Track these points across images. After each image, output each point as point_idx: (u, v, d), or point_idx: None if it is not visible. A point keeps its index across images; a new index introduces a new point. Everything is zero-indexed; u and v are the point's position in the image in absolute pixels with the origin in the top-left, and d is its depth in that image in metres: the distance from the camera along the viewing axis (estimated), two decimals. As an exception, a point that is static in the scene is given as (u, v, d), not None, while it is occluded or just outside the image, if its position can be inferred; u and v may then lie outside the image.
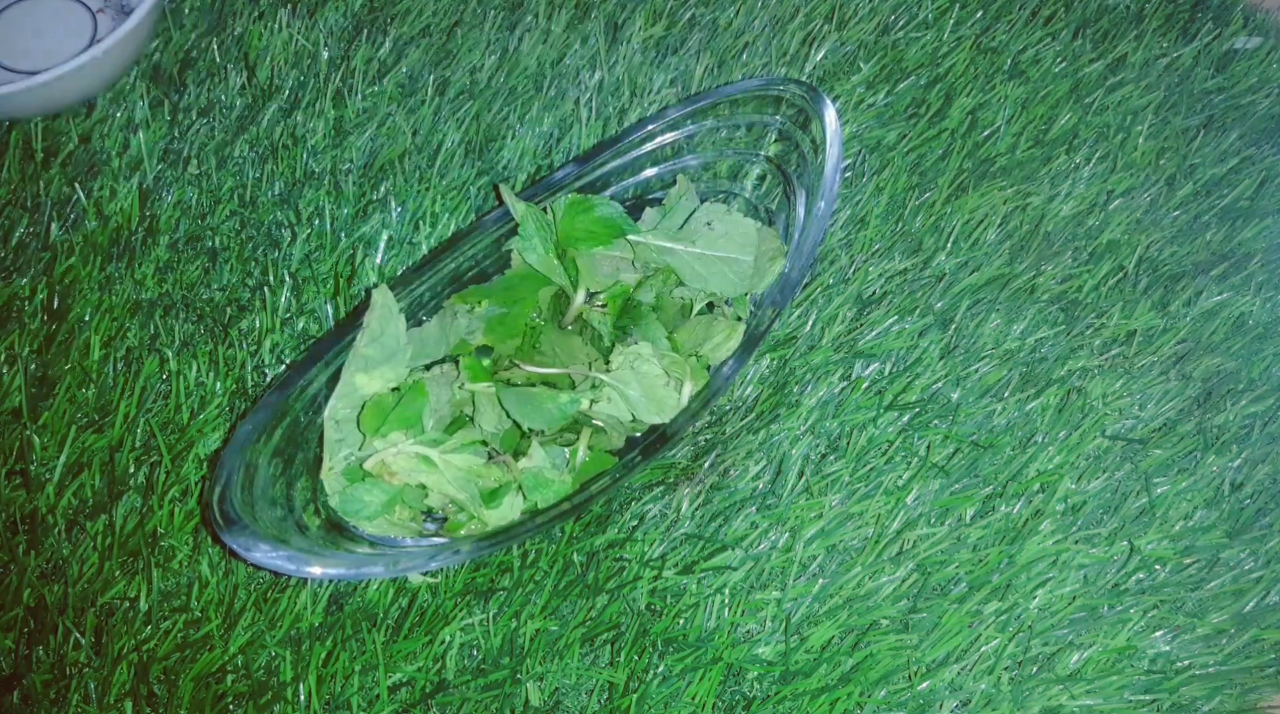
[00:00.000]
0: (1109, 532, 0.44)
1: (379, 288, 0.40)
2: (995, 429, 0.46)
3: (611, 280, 0.43)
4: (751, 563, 0.41)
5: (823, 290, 0.48)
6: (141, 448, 0.41)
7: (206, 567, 0.39)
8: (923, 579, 0.42)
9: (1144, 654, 0.42)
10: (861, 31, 0.57)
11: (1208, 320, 0.51)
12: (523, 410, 0.39)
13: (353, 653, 0.38)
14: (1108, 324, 0.50)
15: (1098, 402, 0.47)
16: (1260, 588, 0.44)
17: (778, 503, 0.43)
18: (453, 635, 0.39)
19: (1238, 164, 0.57)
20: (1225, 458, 0.47)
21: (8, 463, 0.41)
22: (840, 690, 0.39)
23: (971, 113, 0.55)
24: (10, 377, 0.42)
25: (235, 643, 0.38)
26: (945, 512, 0.44)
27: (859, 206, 0.51)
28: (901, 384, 0.46)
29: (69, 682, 0.37)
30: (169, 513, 0.40)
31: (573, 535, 0.41)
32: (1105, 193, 0.55)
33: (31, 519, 0.40)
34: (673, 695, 0.39)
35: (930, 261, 0.50)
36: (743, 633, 0.41)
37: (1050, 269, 0.51)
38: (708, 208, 0.44)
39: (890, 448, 0.45)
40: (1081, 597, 0.43)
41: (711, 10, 0.57)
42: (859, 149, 0.53)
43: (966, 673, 0.41)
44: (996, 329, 0.49)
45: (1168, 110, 0.58)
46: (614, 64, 0.54)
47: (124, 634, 0.38)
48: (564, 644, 0.39)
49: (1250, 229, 0.55)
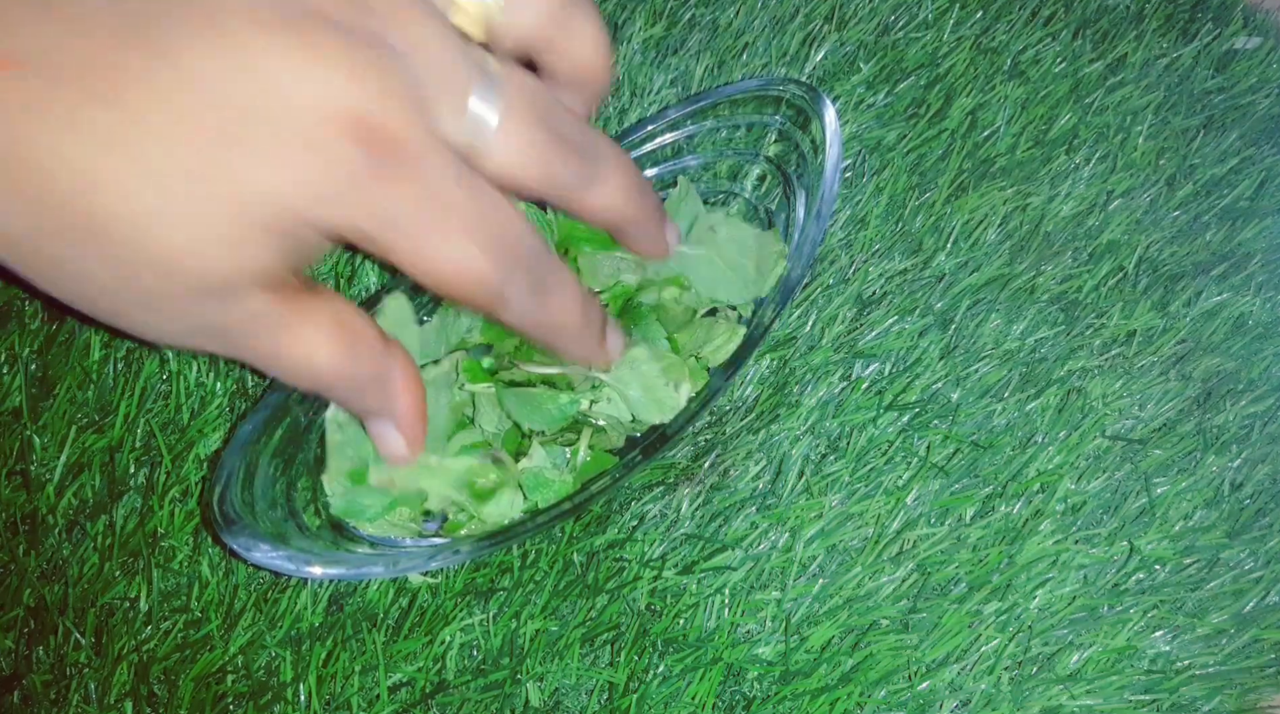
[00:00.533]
0: (1109, 532, 0.44)
1: (393, 295, 0.40)
2: (995, 429, 0.46)
3: (612, 280, 0.43)
4: (751, 563, 0.41)
5: (823, 290, 0.48)
6: (141, 448, 0.41)
7: (206, 567, 0.40)
8: (923, 579, 0.42)
9: (1144, 654, 0.42)
10: (861, 31, 0.57)
11: (1208, 320, 0.51)
12: (523, 411, 0.39)
13: (353, 653, 0.38)
14: (1108, 324, 0.50)
15: (1098, 402, 0.47)
16: (1260, 588, 0.44)
17: (778, 503, 0.43)
18: (453, 635, 0.39)
19: (1238, 164, 0.57)
20: (1225, 458, 0.47)
21: (8, 463, 0.41)
22: (840, 690, 0.39)
23: (971, 113, 0.55)
24: (10, 377, 0.42)
25: (235, 643, 0.38)
26: (945, 512, 0.44)
27: (859, 207, 0.51)
28: (901, 384, 0.46)
29: (69, 682, 0.37)
30: (169, 513, 0.40)
31: (573, 535, 0.41)
32: (1105, 193, 0.55)
33: (31, 519, 0.40)
34: (673, 695, 0.39)
35: (930, 261, 0.50)
36: (743, 633, 0.41)
37: (1050, 269, 0.51)
38: (710, 214, 0.44)
39: (890, 448, 0.45)
40: (1081, 597, 0.43)
41: (711, 10, 0.57)
42: (859, 149, 0.53)
43: (966, 673, 0.41)
44: (996, 329, 0.49)
45: (1168, 110, 0.58)
46: (614, 64, 0.54)
47: (124, 634, 0.38)
48: (564, 644, 0.39)
49: (1250, 229, 0.55)
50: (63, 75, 0.23)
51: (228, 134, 0.24)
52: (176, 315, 0.26)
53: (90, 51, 0.23)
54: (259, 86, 0.24)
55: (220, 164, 0.24)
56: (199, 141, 0.24)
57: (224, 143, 0.24)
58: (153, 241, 0.24)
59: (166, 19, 0.24)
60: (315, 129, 0.25)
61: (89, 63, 0.23)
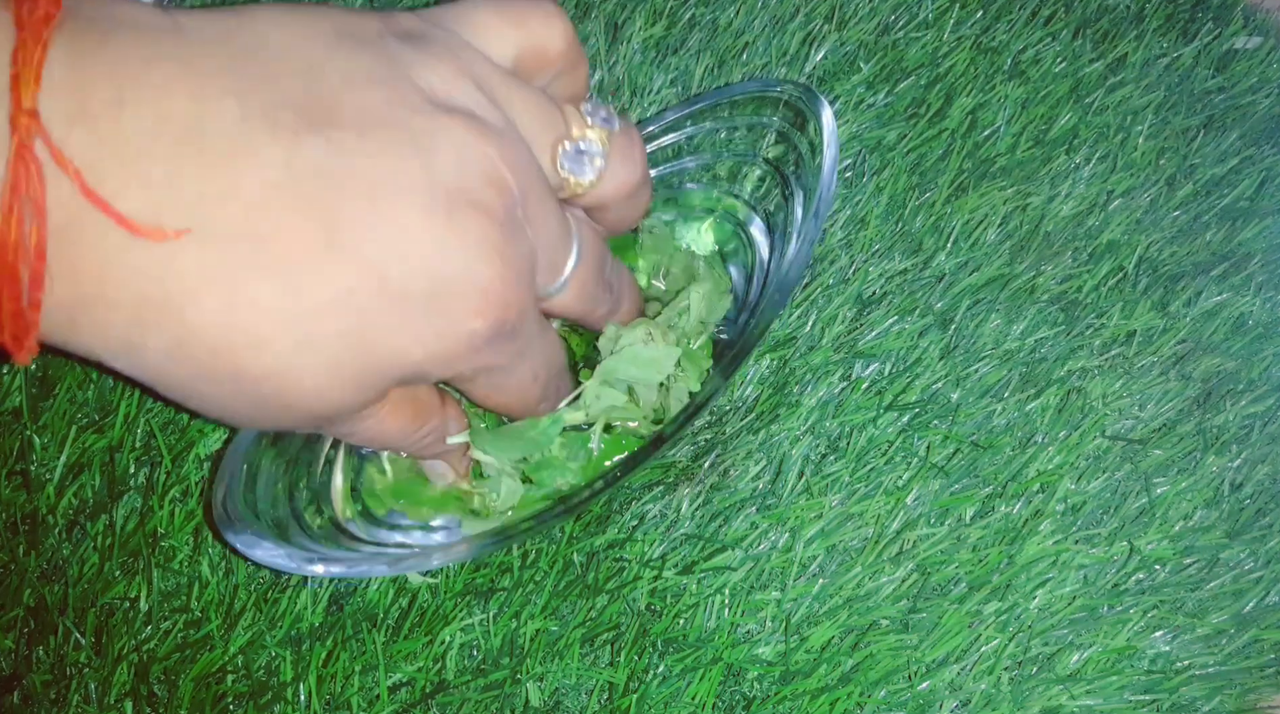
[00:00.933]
0: (1109, 532, 0.44)
1: None
2: (995, 429, 0.46)
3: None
4: (751, 563, 0.41)
5: (823, 290, 0.48)
6: (141, 448, 0.41)
7: (207, 567, 0.40)
8: (923, 579, 0.42)
9: (1144, 654, 0.42)
10: (861, 31, 0.57)
11: (1208, 320, 0.51)
12: (503, 447, 0.39)
13: (353, 653, 0.39)
14: (1108, 324, 0.50)
15: (1098, 402, 0.47)
16: (1260, 588, 0.44)
17: (778, 503, 0.43)
18: (453, 635, 0.39)
19: (1238, 164, 0.57)
20: (1225, 458, 0.47)
21: (8, 463, 0.41)
22: (840, 690, 0.39)
23: (971, 113, 0.55)
24: (10, 377, 0.42)
25: (235, 643, 0.38)
26: (945, 512, 0.44)
27: (859, 207, 0.51)
28: (901, 384, 0.46)
29: (69, 682, 0.37)
30: (169, 513, 0.40)
31: (573, 535, 0.41)
32: (1105, 193, 0.55)
33: (31, 519, 0.40)
34: (673, 695, 0.39)
35: (930, 261, 0.50)
36: (743, 633, 0.41)
37: (1050, 269, 0.51)
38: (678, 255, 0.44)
39: (890, 448, 0.45)
40: (1081, 597, 0.43)
41: (711, 10, 0.57)
42: (859, 149, 0.53)
43: (966, 673, 0.41)
44: (996, 329, 0.49)
45: (1168, 110, 0.58)
46: (614, 64, 0.54)
47: (124, 634, 0.38)
48: (564, 644, 0.39)
49: (1250, 229, 0.55)
50: (234, 245, 0.25)
51: (378, 306, 0.26)
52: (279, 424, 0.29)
53: (261, 223, 0.25)
54: (412, 266, 0.26)
55: (366, 331, 0.27)
56: (351, 311, 0.26)
57: (373, 313, 0.26)
58: (292, 388, 0.27)
59: (335, 193, 0.25)
60: (456, 310, 0.27)
61: (259, 233, 0.25)
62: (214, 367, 0.26)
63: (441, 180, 0.26)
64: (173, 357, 0.26)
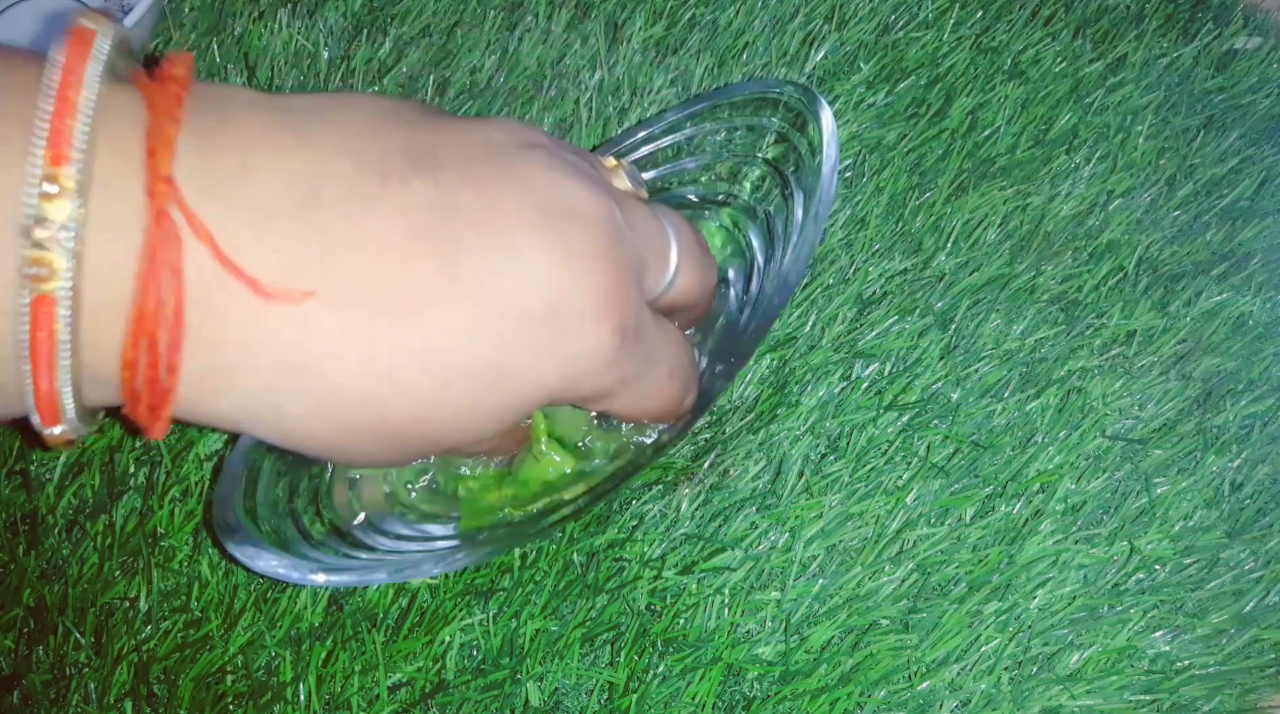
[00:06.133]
0: (1109, 532, 0.44)
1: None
2: (995, 429, 0.46)
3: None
4: (751, 563, 0.41)
5: (823, 290, 0.48)
6: (141, 448, 0.41)
7: (206, 567, 0.40)
8: (923, 579, 0.42)
9: (1144, 654, 0.42)
10: (861, 31, 0.57)
11: (1208, 320, 0.51)
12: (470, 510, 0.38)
13: (353, 653, 0.39)
14: (1108, 324, 0.50)
15: (1098, 402, 0.47)
16: (1260, 588, 0.44)
17: (778, 503, 0.43)
18: (453, 635, 0.39)
19: (1238, 164, 0.57)
20: (1225, 458, 0.47)
21: (8, 463, 0.41)
22: (840, 690, 0.39)
23: (971, 113, 0.55)
24: (10, 377, 0.42)
25: (235, 643, 0.38)
26: (945, 512, 0.44)
27: (859, 207, 0.51)
28: (901, 384, 0.46)
29: (69, 682, 0.37)
30: (169, 513, 0.40)
31: (573, 535, 0.41)
32: (1105, 193, 0.55)
33: (31, 519, 0.40)
34: (673, 695, 0.39)
35: (930, 261, 0.50)
36: (743, 633, 0.41)
37: (1050, 269, 0.51)
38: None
39: (890, 448, 0.45)
40: (1081, 597, 0.43)
41: (711, 10, 0.57)
42: (859, 149, 0.53)
43: (966, 673, 0.41)
44: (996, 329, 0.49)
45: (1168, 110, 0.58)
46: (614, 64, 0.54)
47: (124, 634, 0.38)
48: (564, 644, 0.39)
49: (1250, 229, 0.55)
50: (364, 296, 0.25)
51: (509, 339, 0.27)
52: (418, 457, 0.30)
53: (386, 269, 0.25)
54: (529, 285, 0.27)
55: (502, 365, 0.27)
56: (485, 348, 0.27)
57: (506, 347, 0.27)
58: (437, 429, 0.28)
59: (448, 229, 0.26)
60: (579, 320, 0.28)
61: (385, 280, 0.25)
62: (359, 420, 0.26)
63: (541, 198, 0.27)
64: (319, 415, 0.26)
